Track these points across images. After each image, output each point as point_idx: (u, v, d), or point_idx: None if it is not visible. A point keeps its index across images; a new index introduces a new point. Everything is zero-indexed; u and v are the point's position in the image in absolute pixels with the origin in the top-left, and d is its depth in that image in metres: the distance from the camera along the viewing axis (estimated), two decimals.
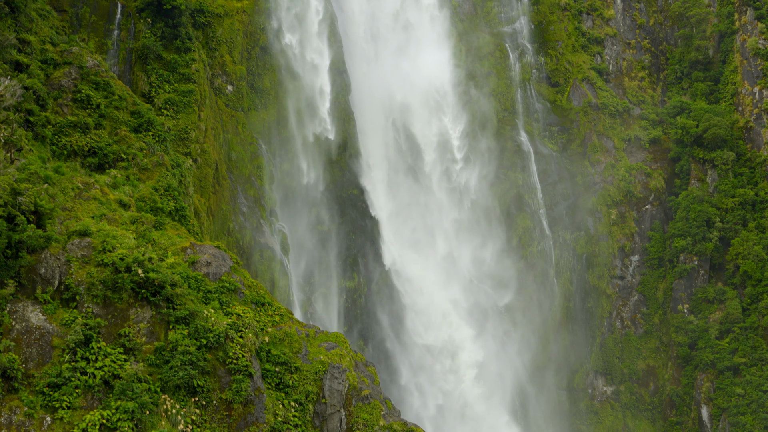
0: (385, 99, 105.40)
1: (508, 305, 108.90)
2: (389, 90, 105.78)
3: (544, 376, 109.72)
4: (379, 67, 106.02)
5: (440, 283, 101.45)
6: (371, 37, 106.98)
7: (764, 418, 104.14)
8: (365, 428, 60.81)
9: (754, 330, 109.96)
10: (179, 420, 54.88)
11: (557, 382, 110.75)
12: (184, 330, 56.98)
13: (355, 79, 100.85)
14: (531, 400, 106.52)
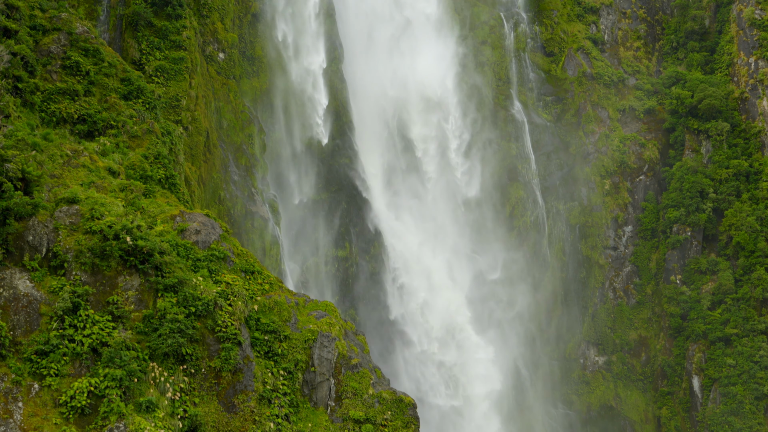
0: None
1: (500, 275, 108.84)
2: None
3: (536, 345, 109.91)
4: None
5: (432, 253, 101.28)
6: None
7: (755, 389, 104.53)
8: (354, 397, 60.85)
9: (746, 301, 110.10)
10: (168, 388, 54.84)
11: (549, 352, 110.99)
12: (172, 298, 56.79)
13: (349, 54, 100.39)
14: (522, 369, 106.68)
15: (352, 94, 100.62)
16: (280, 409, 58.22)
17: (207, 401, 56.38)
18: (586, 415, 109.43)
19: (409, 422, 61.11)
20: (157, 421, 52.83)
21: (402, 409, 61.41)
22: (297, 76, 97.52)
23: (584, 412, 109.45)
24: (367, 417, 60.21)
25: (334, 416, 60.36)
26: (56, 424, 50.82)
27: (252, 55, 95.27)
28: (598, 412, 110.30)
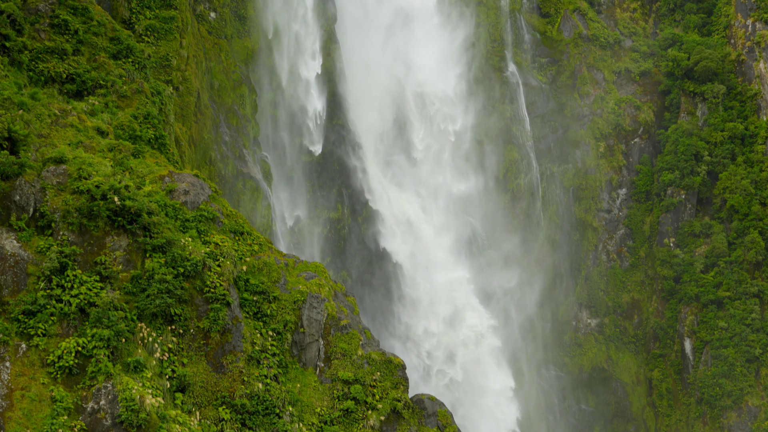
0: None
1: (493, 237, 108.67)
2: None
3: (528, 307, 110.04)
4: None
5: (424, 214, 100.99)
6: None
7: (746, 351, 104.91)
8: (343, 358, 60.92)
9: (739, 264, 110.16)
10: (156, 348, 54.83)
11: (541, 314, 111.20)
12: (161, 258, 56.62)
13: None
14: (514, 331, 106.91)
15: (345, 57, 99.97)
16: (269, 370, 58.30)
17: (195, 361, 56.42)
18: (577, 377, 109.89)
19: (398, 383, 61.25)
20: (145, 380, 52.87)
21: (391, 370, 61.52)
22: (288, 36, 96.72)
23: (576, 374, 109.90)
24: (356, 377, 60.32)
25: (323, 377, 60.47)
26: (44, 384, 50.84)
27: (243, 14, 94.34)
28: (589, 374, 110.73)
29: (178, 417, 53.48)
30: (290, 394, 58.62)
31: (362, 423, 59.41)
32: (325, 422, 58.94)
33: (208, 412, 55.68)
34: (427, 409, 61.96)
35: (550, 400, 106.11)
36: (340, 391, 59.92)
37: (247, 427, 56.35)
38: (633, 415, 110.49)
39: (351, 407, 59.37)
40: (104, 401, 50.89)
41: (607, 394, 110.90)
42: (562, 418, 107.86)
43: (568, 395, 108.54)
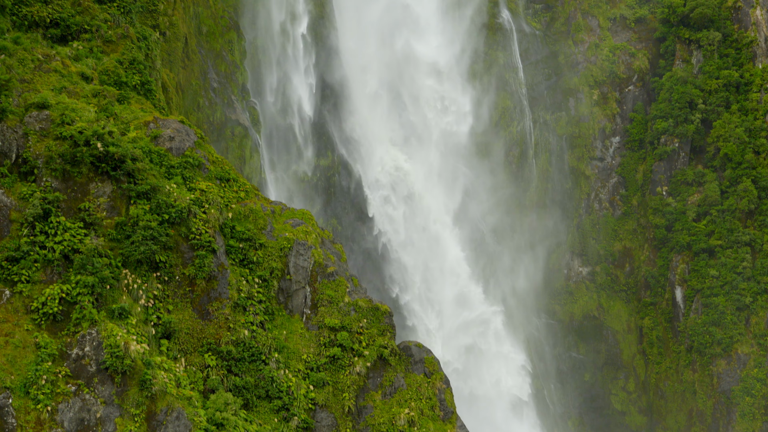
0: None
1: (485, 183, 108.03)
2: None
3: (520, 255, 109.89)
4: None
5: (414, 159, 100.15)
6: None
7: (737, 300, 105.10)
8: (330, 305, 60.80)
9: (732, 213, 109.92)
10: (141, 295, 54.67)
11: (533, 263, 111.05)
12: (145, 205, 56.22)
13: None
14: (505, 278, 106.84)
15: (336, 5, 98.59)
16: (255, 317, 58.24)
17: (181, 308, 56.30)
18: (568, 324, 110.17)
19: (385, 330, 61.21)
20: (130, 327, 52.78)
21: (378, 317, 61.44)
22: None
23: (567, 321, 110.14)
24: (342, 324, 60.26)
25: (310, 324, 60.41)
26: (28, 330, 50.72)
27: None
28: (580, 322, 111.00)
29: (164, 363, 53.51)
30: (276, 341, 58.61)
31: (348, 370, 59.48)
32: (312, 369, 59.01)
33: (193, 359, 55.70)
34: (414, 356, 62.00)
35: (540, 348, 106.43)
36: (327, 338, 59.90)
37: (233, 374, 56.44)
38: (623, 363, 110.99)
39: (337, 354, 59.40)
40: (89, 348, 50.84)
41: (598, 341, 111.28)
42: (553, 366, 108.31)
43: (558, 343, 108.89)
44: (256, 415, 56.12)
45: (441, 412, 60.88)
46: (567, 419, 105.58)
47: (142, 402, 51.14)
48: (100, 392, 50.45)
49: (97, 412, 50.06)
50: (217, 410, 53.14)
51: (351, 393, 59.04)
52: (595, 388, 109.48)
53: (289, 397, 57.08)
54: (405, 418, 59.29)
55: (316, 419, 57.88)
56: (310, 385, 58.33)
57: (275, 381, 57.08)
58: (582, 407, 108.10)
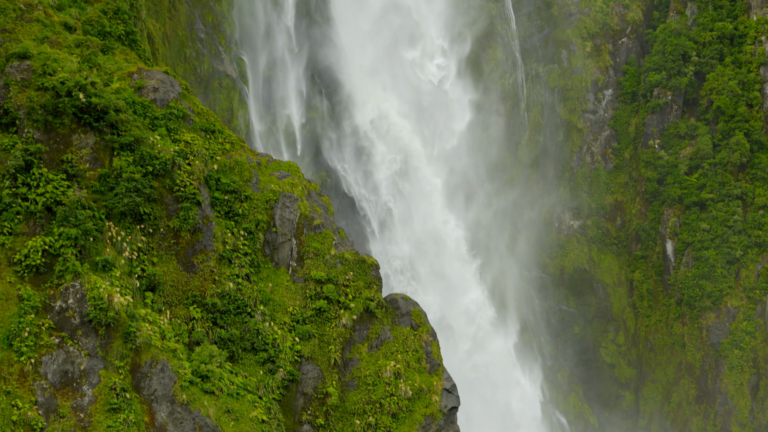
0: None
1: (475, 136, 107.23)
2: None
3: (510, 209, 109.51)
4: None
5: (403, 109, 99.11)
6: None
7: (727, 253, 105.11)
8: (316, 257, 60.53)
9: (723, 166, 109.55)
10: (125, 247, 54.33)
11: (524, 216, 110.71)
12: (129, 157, 55.65)
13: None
14: (494, 231, 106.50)
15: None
16: (241, 269, 57.99)
17: (166, 261, 56.00)
18: (559, 278, 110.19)
19: (372, 282, 61.02)
20: (113, 279, 52.51)
21: (364, 270, 61.23)
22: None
23: (557, 275, 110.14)
24: (328, 277, 60.05)
25: (296, 276, 60.18)
26: (10, 283, 50.43)
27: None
28: (571, 275, 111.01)
29: (148, 316, 53.34)
30: (262, 293, 58.42)
31: (335, 322, 59.38)
32: (298, 321, 58.90)
33: (178, 311, 55.54)
34: (401, 309, 61.90)
35: (530, 301, 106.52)
36: (313, 290, 59.71)
37: (218, 326, 56.32)
38: (613, 316, 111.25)
39: (323, 307, 59.26)
40: (72, 300, 50.60)
41: (588, 295, 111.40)
42: (543, 318, 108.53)
43: (549, 296, 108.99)
44: (241, 368, 56.11)
45: (427, 365, 60.92)
46: (556, 372, 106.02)
47: (126, 354, 51.05)
48: (83, 344, 50.31)
49: (81, 364, 49.96)
50: (202, 362, 53.09)
51: (337, 345, 59.00)
52: (584, 341, 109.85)
53: (274, 350, 57.04)
54: (391, 371, 59.33)
55: (301, 371, 57.90)
56: (296, 337, 58.25)
57: (261, 333, 57.00)
58: (572, 360, 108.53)
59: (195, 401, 51.72)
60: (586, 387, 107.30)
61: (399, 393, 58.97)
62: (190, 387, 51.99)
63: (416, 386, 59.53)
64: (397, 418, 58.71)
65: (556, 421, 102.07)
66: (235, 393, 53.55)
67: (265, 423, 54.02)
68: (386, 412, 58.57)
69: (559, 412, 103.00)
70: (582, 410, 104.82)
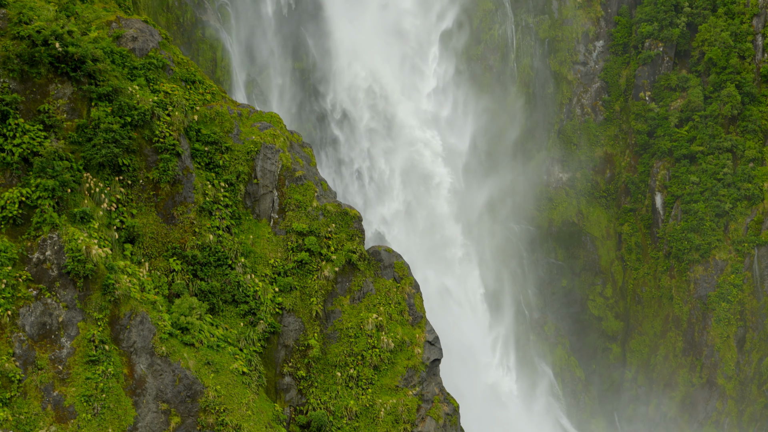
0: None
1: (464, 85, 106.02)
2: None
3: (500, 160, 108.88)
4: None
5: (390, 59, 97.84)
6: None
7: (716, 206, 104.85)
8: (298, 209, 60.06)
9: (714, 118, 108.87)
10: (103, 199, 53.76)
11: (513, 168, 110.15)
12: (107, 107, 54.87)
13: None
14: (483, 182, 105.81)
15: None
16: (221, 221, 57.53)
17: (145, 212, 55.51)
18: (547, 230, 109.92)
19: (354, 234, 60.64)
20: (92, 231, 52.01)
21: (347, 222, 60.81)
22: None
23: (546, 227, 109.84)
24: (310, 229, 59.64)
25: (277, 228, 59.76)
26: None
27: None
28: (559, 228, 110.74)
29: (127, 268, 52.97)
30: (243, 245, 58.03)
31: (316, 275, 59.09)
32: (279, 273, 58.59)
33: (158, 263, 55.17)
34: (384, 261, 61.59)
35: (518, 253, 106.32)
36: (295, 242, 59.33)
37: (199, 278, 55.99)
38: (601, 269, 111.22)
39: (305, 259, 58.93)
40: (50, 252, 50.16)
41: (576, 247, 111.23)
42: (531, 271, 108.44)
43: (537, 249, 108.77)
44: (222, 320, 55.90)
45: (410, 317, 60.78)
46: (543, 325, 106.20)
47: (105, 306, 50.76)
48: (62, 296, 49.99)
49: (59, 316, 49.68)
50: (181, 314, 52.85)
51: (319, 298, 58.76)
52: (572, 293, 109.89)
53: (255, 302, 56.79)
54: (373, 323, 59.19)
55: (283, 324, 57.71)
56: (277, 289, 57.98)
57: (241, 285, 56.70)
58: (558, 313, 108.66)
59: (175, 353, 51.56)
60: (573, 339, 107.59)
61: (381, 345, 58.88)
62: (170, 339, 51.80)
63: (398, 338, 59.43)
64: (379, 370, 58.69)
65: (543, 373, 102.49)
66: (215, 345, 53.39)
67: (246, 375, 53.94)
68: (368, 364, 58.53)
69: (545, 364, 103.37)
70: (569, 362, 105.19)
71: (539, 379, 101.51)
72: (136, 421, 50.03)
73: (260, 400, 54.34)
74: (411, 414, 57.63)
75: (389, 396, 57.95)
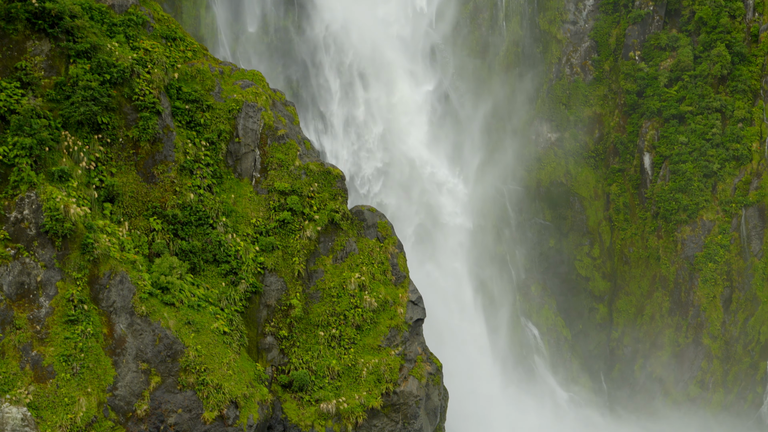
0: None
1: (451, 44, 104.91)
2: None
3: (487, 120, 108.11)
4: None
5: (378, 16, 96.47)
6: None
7: (704, 166, 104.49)
8: (280, 168, 59.59)
9: (704, 78, 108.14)
10: (82, 157, 53.23)
11: (500, 127, 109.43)
12: (85, 64, 54.17)
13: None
14: (469, 143, 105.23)
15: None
16: (203, 180, 57.05)
17: (125, 171, 55.00)
18: (535, 191, 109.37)
19: (337, 194, 60.24)
20: (70, 190, 51.56)
21: (330, 181, 60.37)
22: None
23: (533, 188, 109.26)
24: (293, 188, 59.22)
25: (259, 187, 59.31)
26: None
27: None
28: (547, 188, 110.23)
29: (107, 227, 52.56)
30: (224, 204, 57.60)
31: (299, 234, 58.75)
32: (261, 233, 58.24)
33: (138, 223, 54.75)
34: (367, 221, 61.25)
35: (505, 213, 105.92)
36: (277, 201, 58.93)
37: (180, 238, 55.61)
38: (589, 229, 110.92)
39: (287, 218, 58.56)
40: (28, 211, 49.70)
41: (564, 208, 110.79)
42: (518, 231, 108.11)
43: (524, 209, 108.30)
44: (203, 279, 55.61)
45: (393, 277, 60.56)
46: (530, 285, 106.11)
47: (84, 266, 50.42)
48: (40, 256, 49.62)
49: (37, 275, 49.33)
50: (162, 274, 52.54)
51: (301, 257, 58.47)
52: (559, 254, 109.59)
53: (237, 261, 56.49)
54: (356, 282, 58.98)
55: (265, 283, 57.45)
56: (259, 249, 57.65)
57: (223, 245, 56.37)
58: (545, 273, 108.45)
59: (155, 313, 51.32)
60: (560, 300, 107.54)
61: (363, 305, 58.73)
62: (150, 298, 51.53)
63: (381, 298, 59.26)
64: (362, 330, 58.58)
65: (529, 333, 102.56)
66: (196, 305, 53.15)
67: (227, 334, 53.77)
68: (350, 324, 58.39)
69: (531, 324, 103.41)
70: (555, 323, 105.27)
71: (525, 339, 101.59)
72: (116, 380, 49.90)
73: (241, 360, 54.23)
74: (393, 373, 57.61)
75: (372, 356, 57.89)
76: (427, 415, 59.19)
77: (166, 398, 50.63)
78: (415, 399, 57.47)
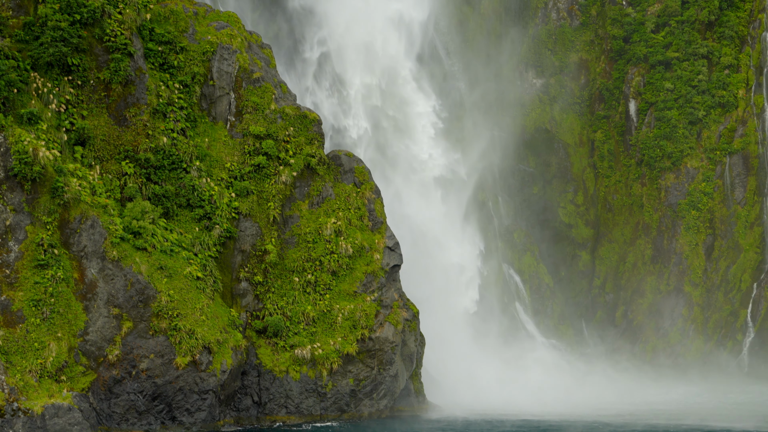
0: None
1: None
2: None
3: (471, 66, 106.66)
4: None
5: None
6: None
7: (690, 113, 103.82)
8: (255, 112, 58.69)
9: (691, 24, 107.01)
10: (52, 99, 52.27)
11: (484, 73, 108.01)
12: (54, 4, 52.97)
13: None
14: (453, 87, 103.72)
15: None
16: (176, 123, 56.15)
17: (96, 114, 54.08)
18: (520, 137, 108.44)
19: (313, 138, 59.46)
20: (40, 133, 50.70)
21: (306, 125, 59.55)
22: None
23: (518, 134, 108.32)
24: (268, 132, 58.39)
25: (234, 131, 58.47)
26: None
27: None
28: (532, 135, 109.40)
29: (77, 171, 51.82)
30: (198, 148, 56.79)
31: (274, 179, 58.07)
32: (235, 178, 57.55)
33: (110, 166, 53.98)
34: (344, 166, 60.56)
35: (489, 160, 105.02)
36: (252, 146, 58.14)
37: (152, 182, 54.88)
38: (573, 176, 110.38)
39: (262, 162, 57.82)
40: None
41: (549, 154, 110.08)
42: (501, 178, 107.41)
43: (508, 155, 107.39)
44: (176, 224, 54.99)
45: (370, 222, 60.04)
46: (513, 231, 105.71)
47: (54, 210, 49.76)
48: (9, 200, 48.91)
49: (6, 219, 48.66)
50: (134, 219, 51.90)
51: (276, 202, 57.85)
52: (543, 200, 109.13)
53: (211, 206, 55.85)
54: (332, 228, 58.45)
55: (239, 228, 56.89)
56: (234, 193, 56.99)
57: (197, 190, 55.67)
58: (529, 220, 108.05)
59: (126, 258, 50.79)
60: (543, 247, 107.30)
61: (339, 251, 58.27)
62: (122, 243, 50.97)
63: (357, 244, 58.80)
64: (337, 276, 58.19)
65: (510, 280, 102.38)
66: (168, 250, 52.61)
67: (200, 280, 53.31)
68: (326, 270, 57.99)
69: (513, 271, 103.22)
70: (537, 270, 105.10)
71: (507, 286, 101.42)
72: (87, 325, 49.50)
73: (215, 306, 53.86)
74: (369, 319, 57.34)
75: (347, 302, 57.57)
76: (403, 361, 59.09)
77: (138, 343, 50.31)
78: (391, 345, 57.30)
